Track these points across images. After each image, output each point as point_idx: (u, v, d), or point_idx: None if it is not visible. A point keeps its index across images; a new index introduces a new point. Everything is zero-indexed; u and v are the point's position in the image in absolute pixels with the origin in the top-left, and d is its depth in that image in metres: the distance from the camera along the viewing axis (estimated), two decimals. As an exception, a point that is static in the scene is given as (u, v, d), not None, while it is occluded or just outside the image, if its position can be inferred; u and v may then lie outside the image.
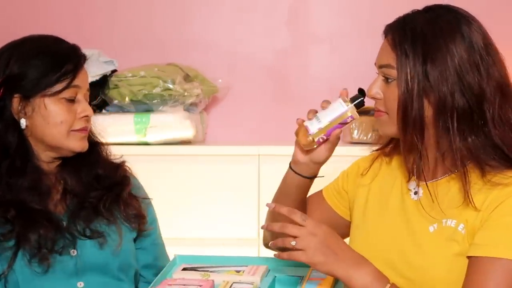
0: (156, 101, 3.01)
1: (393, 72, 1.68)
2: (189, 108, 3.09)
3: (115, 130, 2.89)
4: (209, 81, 3.21)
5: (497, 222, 1.63)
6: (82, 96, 1.93)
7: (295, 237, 1.63)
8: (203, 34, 3.36)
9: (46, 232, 1.86)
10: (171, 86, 3.01)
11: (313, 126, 1.76)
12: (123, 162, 2.05)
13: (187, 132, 3.03)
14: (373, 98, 1.73)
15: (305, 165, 1.82)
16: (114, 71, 3.09)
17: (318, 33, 3.35)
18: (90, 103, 1.97)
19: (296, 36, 3.36)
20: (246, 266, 1.85)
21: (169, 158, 3.01)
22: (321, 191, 1.96)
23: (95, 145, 2.02)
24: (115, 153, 2.06)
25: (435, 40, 1.66)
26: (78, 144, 1.93)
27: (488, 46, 1.68)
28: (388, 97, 1.70)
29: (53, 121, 1.90)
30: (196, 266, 1.86)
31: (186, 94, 3.03)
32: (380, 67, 1.72)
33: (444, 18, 1.68)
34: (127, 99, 3.01)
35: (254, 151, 2.99)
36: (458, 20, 1.68)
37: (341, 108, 1.75)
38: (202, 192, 3.00)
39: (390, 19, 1.75)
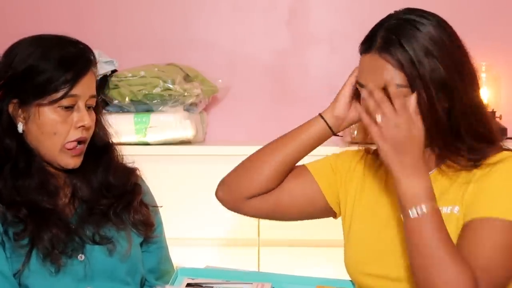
0: (156, 101, 3.01)
1: (405, 90, 1.65)
2: (189, 108, 3.09)
3: (115, 130, 2.89)
4: (209, 81, 3.21)
5: (486, 189, 1.64)
6: (83, 103, 1.86)
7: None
8: (203, 34, 3.36)
9: (58, 232, 1.82)
10: (171, 86, 3.00)
11: None
12: (135, 169, 2.00)
13: (187, 132, 3.03)
14: None
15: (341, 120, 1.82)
16: (114, 71, 3.09)
17: (318, 33, 3.35)
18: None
19: (296, 36, 3.36)
20: (251, 283, 1.81)
21: (169, 158, 3.01)
22: (303, 166, 1.90)
23: (108, 148, 1.97)
24: (126, 155, 2.00)
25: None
26: (70, 161, 1.87)
27: None
28: None
29: (46, 131, 1.84)
30: (200, 282, 1.83)
31: (186, 94, 3.03)
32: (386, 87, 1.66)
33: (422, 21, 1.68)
34: (127, 99, 3.01)
35: (254, 151, 2.98)
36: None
37: None
38: (202, 192, 2.99)
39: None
